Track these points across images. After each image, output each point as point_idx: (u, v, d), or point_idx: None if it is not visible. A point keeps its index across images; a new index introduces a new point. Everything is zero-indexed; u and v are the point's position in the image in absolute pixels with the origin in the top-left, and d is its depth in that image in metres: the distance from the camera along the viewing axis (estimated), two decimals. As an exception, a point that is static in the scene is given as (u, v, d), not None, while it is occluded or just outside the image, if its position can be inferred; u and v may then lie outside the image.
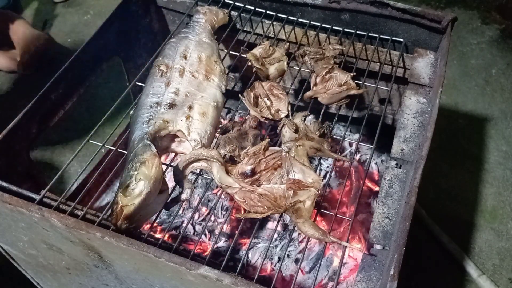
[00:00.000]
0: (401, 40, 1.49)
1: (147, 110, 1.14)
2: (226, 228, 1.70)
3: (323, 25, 1.51)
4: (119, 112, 1.26)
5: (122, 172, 1.02)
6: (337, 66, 1.33)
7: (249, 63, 1.35)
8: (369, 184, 1.84)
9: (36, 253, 1.26)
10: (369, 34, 1.49)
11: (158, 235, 1.65)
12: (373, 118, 1.38)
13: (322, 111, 1.28)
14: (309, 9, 1.53)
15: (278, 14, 1.55)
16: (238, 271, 0.95)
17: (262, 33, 1.56)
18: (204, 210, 1.75)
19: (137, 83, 1.34)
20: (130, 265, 1.05)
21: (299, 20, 1.53)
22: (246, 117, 1.20)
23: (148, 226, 1.25)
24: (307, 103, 1.30)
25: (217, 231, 1.70)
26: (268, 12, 1.56)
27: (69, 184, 1.15)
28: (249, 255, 1.62)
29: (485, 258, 2.00)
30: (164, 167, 1.07)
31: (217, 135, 1.18)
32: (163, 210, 1.07)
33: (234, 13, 1.58)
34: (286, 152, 1.06)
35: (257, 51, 1.36)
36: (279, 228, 1.66)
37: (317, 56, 1.35)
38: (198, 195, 1.77)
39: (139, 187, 0.94)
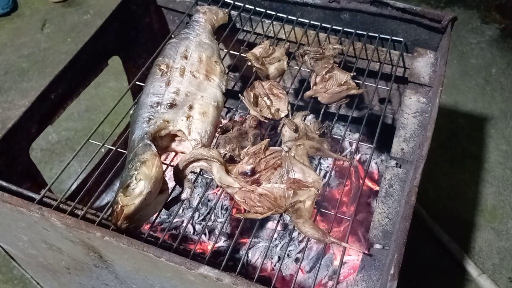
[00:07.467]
0: (401, 39, 1.49)
1: (147, 110, 1.14)
2: (226, 227, 1.70)
3: (323, 24, 1.51)
4: (119, 112, 1.26)
5: (122, 172, 1.02)
6: (337, 65, 1.33)
7: (249, 63, 1.35)
8: (369, 184, 1.84)
9: (36, 252, 1.26)
10: (369, 33, 1.49)
11: (158, 235, 1.65)
12: (373, 118, 1.39)
13: (322, 110, 1.28)
14: (309, 8, 1.53)
15: (278, 14, 1.55)
16: (238, 271, 0.95)
17: (262, 33, 1.56)
18: (204, 209, 1.75)
19: (137, 82, 1.34)
20: (130, 264, 1.05)
21: (299, 19, 1.53)
22: (246, 117, 1.20)
23: (148, 225, 1.25)
24: (307, 103, 1.30)
25: (217, 231, 1.69)
26: (268, 11, 1.56)
27: (69, 184, 1.15)
28: (249, 255, 1.61)
29: (485, 257, 2.00)
30: (164, 167, 1.07)
31: (217, 134, 1.18)
32: (163, 210, 1.07)
33: (234, 13, 1.58)
34: (286, 151, 1.06)
35: (257, 50, 1.36)
36: (279, 228, 1.66)
37: (317, 55, 1.35)
38: (198, 194, 1.77)
39: (140, 187, 0.94)
